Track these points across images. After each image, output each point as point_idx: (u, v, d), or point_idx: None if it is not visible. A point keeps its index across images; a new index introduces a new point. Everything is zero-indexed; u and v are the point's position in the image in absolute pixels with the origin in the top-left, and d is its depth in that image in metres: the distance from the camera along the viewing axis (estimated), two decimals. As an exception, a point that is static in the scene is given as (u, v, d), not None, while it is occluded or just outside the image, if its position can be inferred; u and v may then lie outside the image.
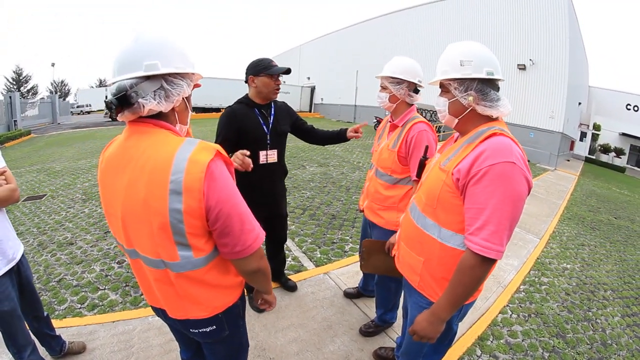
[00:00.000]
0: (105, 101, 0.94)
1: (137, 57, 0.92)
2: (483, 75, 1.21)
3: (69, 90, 46.49)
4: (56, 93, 36.75)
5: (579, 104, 19.21)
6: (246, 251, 1.03)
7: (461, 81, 1.23)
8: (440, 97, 1.32)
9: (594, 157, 21.80)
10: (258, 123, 2.27)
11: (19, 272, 1.82)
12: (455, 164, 1.20)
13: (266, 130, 2.29)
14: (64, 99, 38.10)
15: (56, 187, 6.31)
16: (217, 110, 25.24)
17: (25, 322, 1.89)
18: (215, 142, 2.20)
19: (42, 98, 29.26)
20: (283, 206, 2.69)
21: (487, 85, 1.23)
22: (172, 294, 1.08)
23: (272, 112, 2.34)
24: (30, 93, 39.22)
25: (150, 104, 0.93)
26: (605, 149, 22.68)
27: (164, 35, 0.97)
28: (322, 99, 30.08)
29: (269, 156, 2.32)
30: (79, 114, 31.89)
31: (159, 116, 0.99)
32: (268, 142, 2.30)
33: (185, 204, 0.92)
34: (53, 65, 44.47)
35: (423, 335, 1.27)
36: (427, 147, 1.75)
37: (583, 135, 22.51)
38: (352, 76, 25.78)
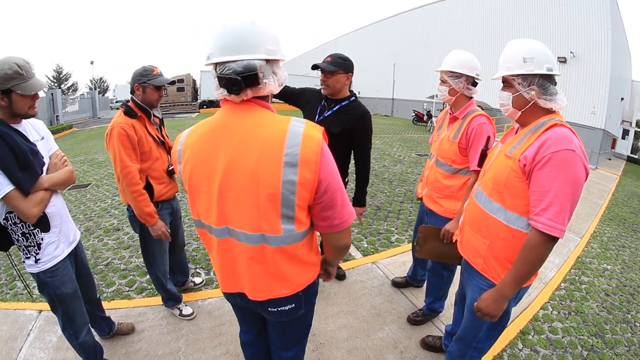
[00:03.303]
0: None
1: (259, 40, 0.96)
2: (544, 71, 1.31)
3: (107, 86, 48.52)
4: (96, 89, 38.55)
5: (622, 99, 18.09)
6: (343, 224, 1.10)
7: (524, 77, 1.33)
8: (504, 92, 1.42)
9: (636, 157, 20.49)
10: (314, 109, 2.38)
11: (76, 255, 1.86)
12: (522, 151, 1.29)
13: (316, 118, 2.35)
14: (103, 95, 39.95)
15: (100, 177, 6.62)
16: None
17: None
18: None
19: (82, 94, 30.83)
20: None
21: (547, 80, 1.33)
22: (262, 272, 1.10)
23: (334, 109, 2.32)
24: (71, 90, 41.21)
25: (272, 85, 1.00)
26: (649, 149, 21.29)
27: (274, 25, 1.02)
28: (359, 92, 29.72)
29: None
30: (117, 108, 33.21)
31: (261, 97, 1.05)
32: None
33: (300, 175, 0.96)
34: (92, 63, 46.65)
35: (487, 313, 1.37)
36: (488, 138, 1.85)
37: (625, 132, 21.12)
38: (389, 69, 25.40)
